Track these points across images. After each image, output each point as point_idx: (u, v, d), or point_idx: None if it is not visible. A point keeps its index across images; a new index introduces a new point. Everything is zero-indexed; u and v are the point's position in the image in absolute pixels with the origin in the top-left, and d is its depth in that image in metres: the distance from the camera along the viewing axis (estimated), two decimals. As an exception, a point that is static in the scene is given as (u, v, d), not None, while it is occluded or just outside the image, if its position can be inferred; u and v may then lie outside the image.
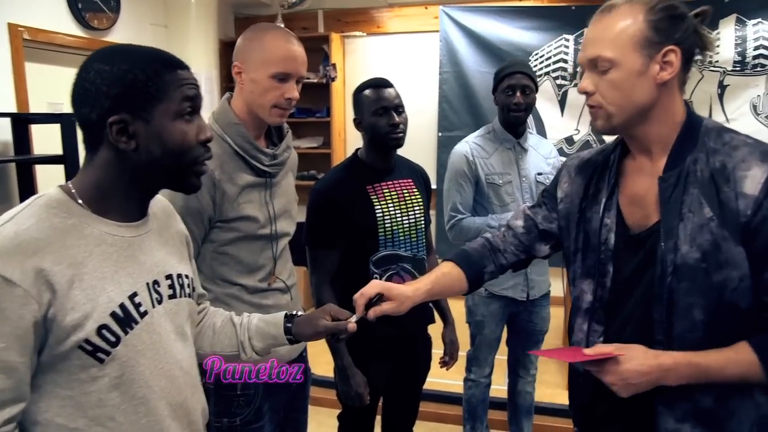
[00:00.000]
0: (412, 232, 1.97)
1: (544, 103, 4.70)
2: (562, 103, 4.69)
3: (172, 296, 1.05)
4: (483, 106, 4.69)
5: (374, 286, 1.26)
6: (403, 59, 5.08)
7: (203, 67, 4.50)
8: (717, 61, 4.36)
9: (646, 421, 1.14)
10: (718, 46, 4.34)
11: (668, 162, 1.12)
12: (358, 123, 1.95)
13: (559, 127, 4.73)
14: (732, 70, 4.36)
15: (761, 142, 1.09)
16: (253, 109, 1.54)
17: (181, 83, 0.98)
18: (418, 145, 4.75)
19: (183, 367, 1.05)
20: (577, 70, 4.60)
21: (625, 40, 1.06)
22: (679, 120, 1.13)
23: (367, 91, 1.91)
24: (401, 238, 1.94)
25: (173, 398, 1.02)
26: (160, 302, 1.02)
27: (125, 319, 0.94)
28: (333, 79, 4.94)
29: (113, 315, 0.92)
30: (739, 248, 1.04)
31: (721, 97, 4.43)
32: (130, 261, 0.98)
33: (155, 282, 1.01)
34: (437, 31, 4.85)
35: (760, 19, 4.26)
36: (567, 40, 4.62)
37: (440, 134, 4.89)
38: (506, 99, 2.30)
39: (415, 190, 2.01)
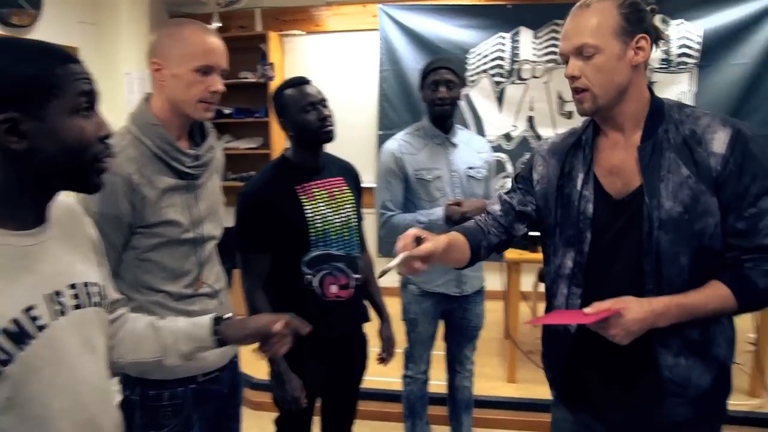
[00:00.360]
0: (344, 230, 1.95)
1: (482, 100, 4.76)
2: (500, 99, 4.76)
3: (78, 306, 1.00)
4: (423, 104, 4.71)
5: (412, 231, 1.30)
6: (343, 58, 5.06)
7: (135, 67, 4.37)
8: (645, 59, 4.51)
9: (641, 364, 1.30)
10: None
11: (643, 134, 1.30)
12: (284, 124, 1.92)
13: (497, 124, 4.80)
14: (659, 68, 4.52)
15: (714, 113, 1.31)
16: (177, 106, 1.50)
17: (74, 77, 0.93)
18: (359, 143, 4.77)
19: (91, 382, 1.00)
20: (514, 67, 4.68)
21: (605, 30, 1.24)
22: (646, 98, 1.32)
23: (289, 91, 1.90)
24: (333, 237, 1.92)
25: (78, 416, 0.96)
26: (63, 314, 0.96)
27: (19, 335, 0.88)
28: (271, 79, 4.87)
29: (5, 331, 0.86)
30: (713, 198, 1.24)
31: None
32: (26, 272, 0.92)
33: (57, 293, 0.96)
34: (377, 29, 4.85)
35: (682, 20, 4.44)
36: (503, 38, 4.69)
37: (380, 132, 4.88)
38: (431, 94, 2.33)
39: (346, 187, 2.00)
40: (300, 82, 1.92)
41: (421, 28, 4.73)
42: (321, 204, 1.91)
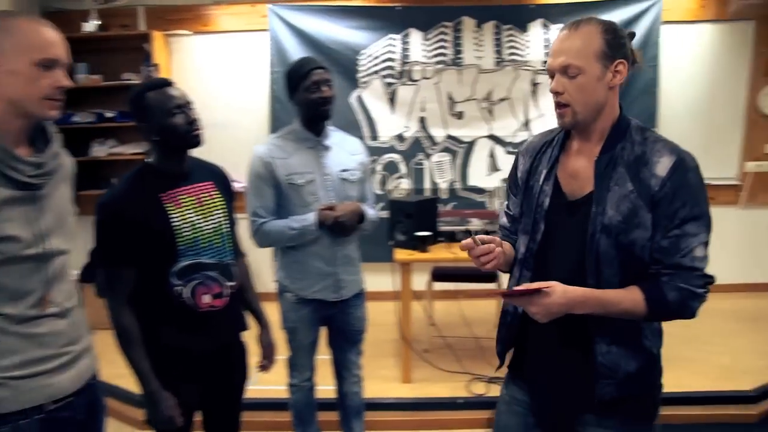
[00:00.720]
0: (215, 237, 1.87)
1: (374, 101, 4.78)
2: (392, 101, 4.80)
3: None
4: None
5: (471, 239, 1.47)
6: (233, 58, 4.91)
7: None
8: (529, 62, 4.70)
9: (578, 350, 1.49)
10: (528, 47, 4.68)
11: (603, 147, 1.46)
12: (147, 129, 1.80)
13: (390, 125, 4.83)
14: (542, 70, 4.72)
15: (670, 141, 1.45)
16: (18, 105, 1.36)
17: None
18: (250, 145, 4.60)
19: None
20: (405, 69, 4.73)
21: (589, 53, 1.38)
22: (615, 116, 1.48)
23: (151, 93, 1.78)
24: (203, 245, 1.83)
25: None
26: None
27: None
28: (155, 80, 4.65)
29: None
30: (648, 215, 1.40)
31: (534, 93, 4.78)
32: None
33: None
34: (267, 29, 4.75)
35: (561, 24, 4.65)
36: (393, 40, 4.73)
37: (272, 135, 4.79)
38: (312, 95, 2.26)
39: (215, 192, 1.92)
40: (163, 83, 1.81)
41: (311, 29, 4.68)
42: (189, 211, 1.82)
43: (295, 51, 4.67)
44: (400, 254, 3.28)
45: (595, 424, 1.51)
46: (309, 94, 2.28)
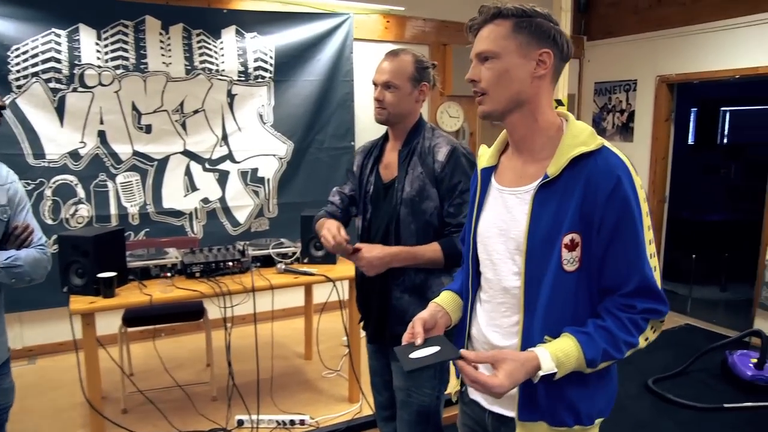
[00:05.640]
0: None
1: (36, 111, 3.86)
2: (60, 111, 3.94)
3: None
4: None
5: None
6: None
7: None
8: (224, 71, 4.35)
9: (383, 296, 1.98)
10: (222, 56, 4.33)
11: (403, 144, 1.96)
12: None
13: (60, 140, 3.96)
14: (238, 80, 4.41)
15: (449, 136, 1.95)
16: None
17: None
18: None
19: None
20: (74, 72, 3.94)
21: (405, 75, 1.94)
22: (414, 120, 1.97)
23: None
24: None
25: None
26: None
27: None
28: None
29: None
30: (434, 189, 1.88)
31: (231, 105, 4.44)
32: None
33: None
34: None
35: (255, 33, 4.42)
36: (58, 36, 3.89)
37: None
38: None
39: None
40: None
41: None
42: None
43: None
44: (78, 303, 2.59)
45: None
46: None
